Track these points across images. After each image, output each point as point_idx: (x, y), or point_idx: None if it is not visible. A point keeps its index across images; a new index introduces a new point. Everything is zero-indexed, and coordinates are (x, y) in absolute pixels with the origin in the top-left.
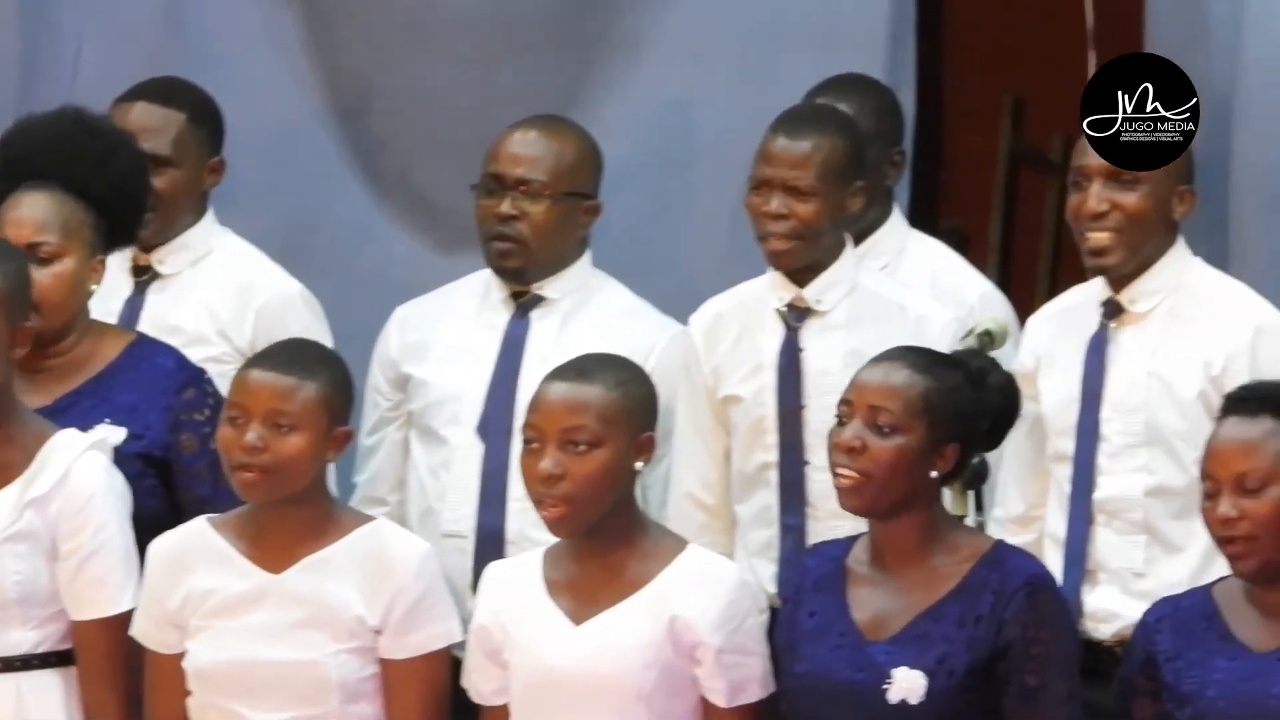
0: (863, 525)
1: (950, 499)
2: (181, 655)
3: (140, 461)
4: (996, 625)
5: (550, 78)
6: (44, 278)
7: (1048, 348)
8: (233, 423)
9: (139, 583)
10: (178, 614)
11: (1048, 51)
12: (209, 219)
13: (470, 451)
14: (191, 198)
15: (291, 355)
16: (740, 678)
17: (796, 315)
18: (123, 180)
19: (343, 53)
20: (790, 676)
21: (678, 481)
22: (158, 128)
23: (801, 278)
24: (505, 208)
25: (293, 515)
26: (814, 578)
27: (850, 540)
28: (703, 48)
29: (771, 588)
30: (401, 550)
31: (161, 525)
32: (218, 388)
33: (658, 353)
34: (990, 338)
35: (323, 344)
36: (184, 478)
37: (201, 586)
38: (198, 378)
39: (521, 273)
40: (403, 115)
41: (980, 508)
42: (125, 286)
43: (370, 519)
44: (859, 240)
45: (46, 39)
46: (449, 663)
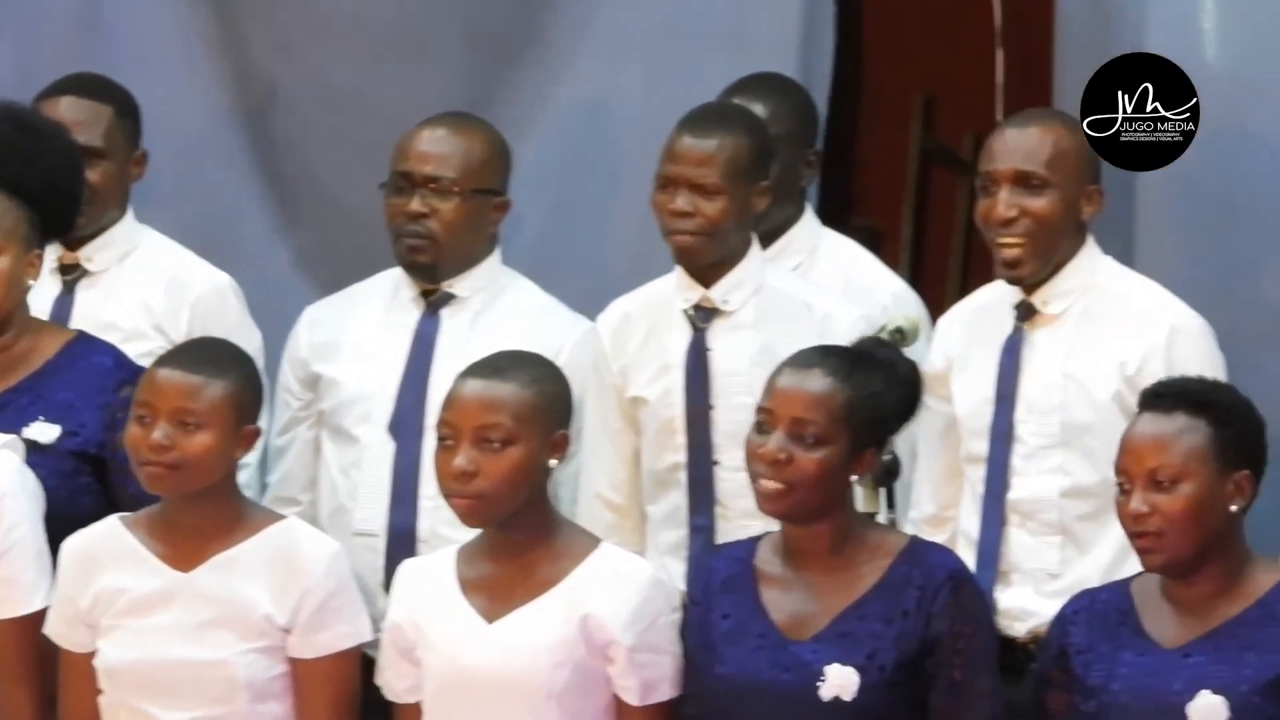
0: (773, 525)
1: (862, 497)
2: (94, 654)
3: (75, 459)
4: (924, 619)
5: (460, 77)
6: None
7: (960, 349)
8: (140, 421)
9: (52, 582)
10: (89, 613)
11: (958, 51)
12: (131, 215)
13: (381, 450)
14: (120, 191)
15: (199, 354)
16: (652, 676)
17: (703, 315)
18: (56, 174)
19: (250, 52)
20: (711, 678)
21: (587, 481)
22: (88, 120)
23: (708, 278)
24: (415, 205)
25: (203, 514)
26: (721, 579)
27: (753, 541)
28: (615, 47)
29: (684, 586)
30: (311, 549)
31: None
32: None
33: (568, 350)
34: (902, 335)
35: (232, 343)
36: (118, 475)
37: (113, 585)
38: (135, 376)
39: (432, 270)
40: (309, 114)
41: (891, 505)
42: (53, 286)
43: (281, 518)
44: (771, 239)
45: None
46: (359, 662)
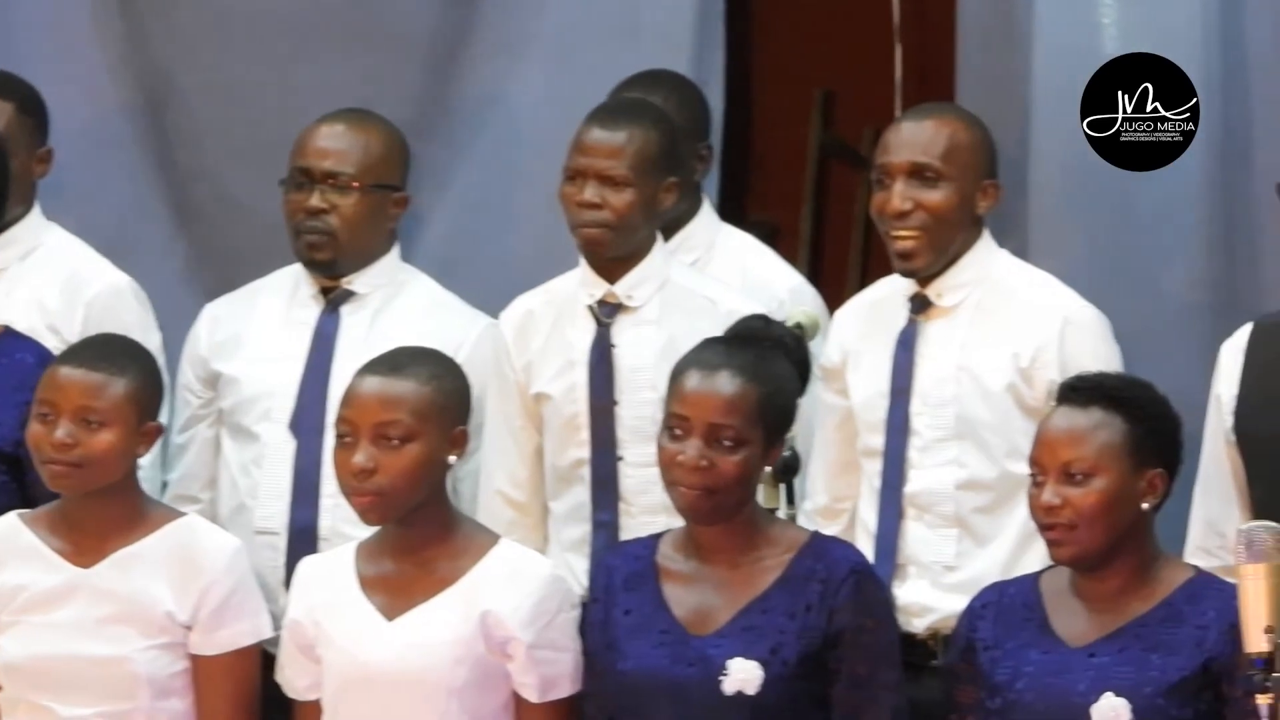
0: (676, 521)
1: (762, 492)
2: None
3: None
4: (827, 613)
5: (359, 75)
6: None
7: (854, 343)
8: (42, 419)
9: None
10: None
11: (855, 46)
12: (36, 212)
13: (282, 448)
14: (23, 188)
15: (100, 351)
16: (552, 673)
17: (607, 311)
18: None
19: (149, 47)
20: (613, 674)
21: (488, 478)
22: None
23: (612, 273)
24: (314, 201)
25: (103, 510)
26: (622, 576)
27: (654, 538)
28: (512, 44)
29: (587, 582)
30: (211, 546)
31: None
32: None
33: (468, 346)
34: (802, 330)
35: (132, 339)
36: (35, 474)
37: (12, 581)
38: None
39: (332, 265)
40: (206, 111)
41: (791, 500)
42: None
43: (181, 515)
44: (669, 234)
45: None
46: (259, 659)
